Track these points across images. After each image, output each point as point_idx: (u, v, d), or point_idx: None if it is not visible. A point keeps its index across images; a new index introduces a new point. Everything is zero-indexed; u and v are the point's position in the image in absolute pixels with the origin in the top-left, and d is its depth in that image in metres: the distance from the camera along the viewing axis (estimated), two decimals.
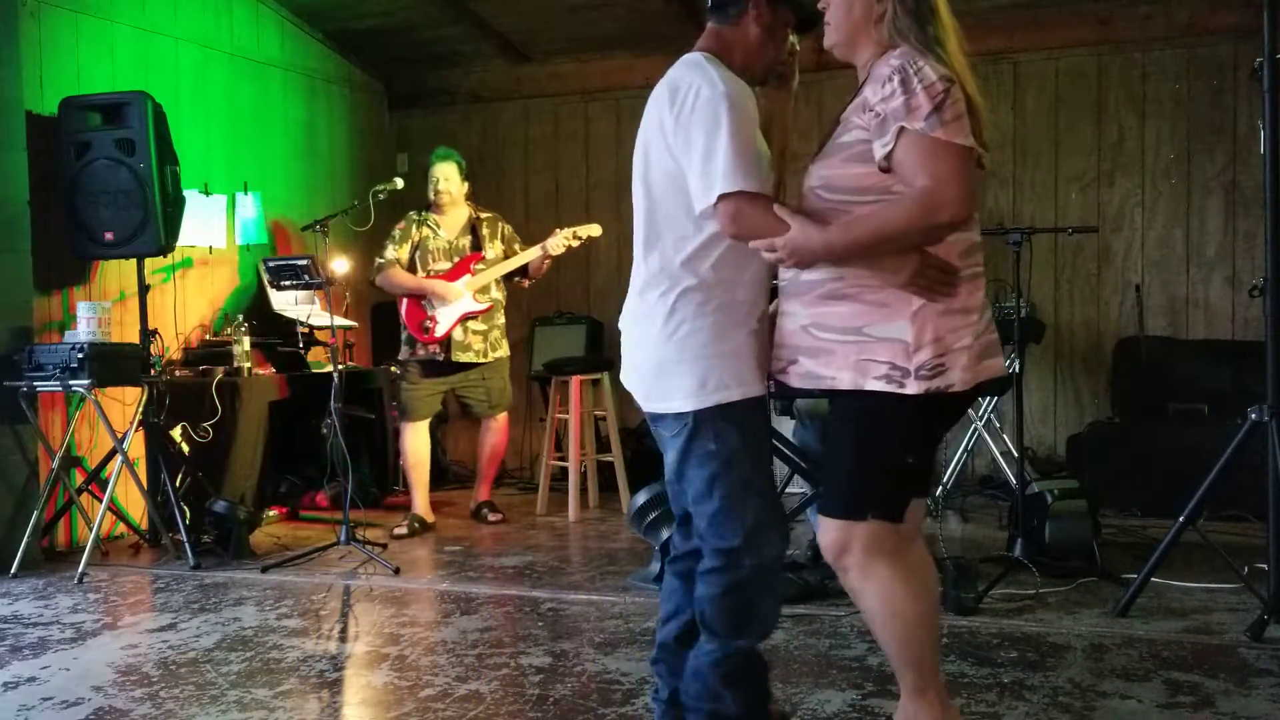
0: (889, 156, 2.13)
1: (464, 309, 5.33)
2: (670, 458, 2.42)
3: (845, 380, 2.21)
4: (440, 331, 5.33)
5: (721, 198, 2.21)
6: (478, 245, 5.43)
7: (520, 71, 7.14)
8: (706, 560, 2.39)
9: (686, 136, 2.26)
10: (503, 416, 5.57)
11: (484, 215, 5.53)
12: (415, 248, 5.39)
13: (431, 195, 5.41)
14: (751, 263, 2.32)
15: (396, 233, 5.41)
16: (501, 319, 5.52)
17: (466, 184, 5.51)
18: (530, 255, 5.40)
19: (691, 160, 2.26)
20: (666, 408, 2.36)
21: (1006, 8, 6.01)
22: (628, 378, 2.48)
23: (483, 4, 6.36)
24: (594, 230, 5.45)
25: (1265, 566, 3.49)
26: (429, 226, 5.41)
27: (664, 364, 2.34)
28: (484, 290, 5.38)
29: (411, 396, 5.42)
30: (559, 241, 5.38)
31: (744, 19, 2.42)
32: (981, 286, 2.27)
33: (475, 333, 5.37)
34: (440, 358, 5.37)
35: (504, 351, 5.53)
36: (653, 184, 2.37)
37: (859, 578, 2.26)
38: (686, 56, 2.41)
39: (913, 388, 2.15)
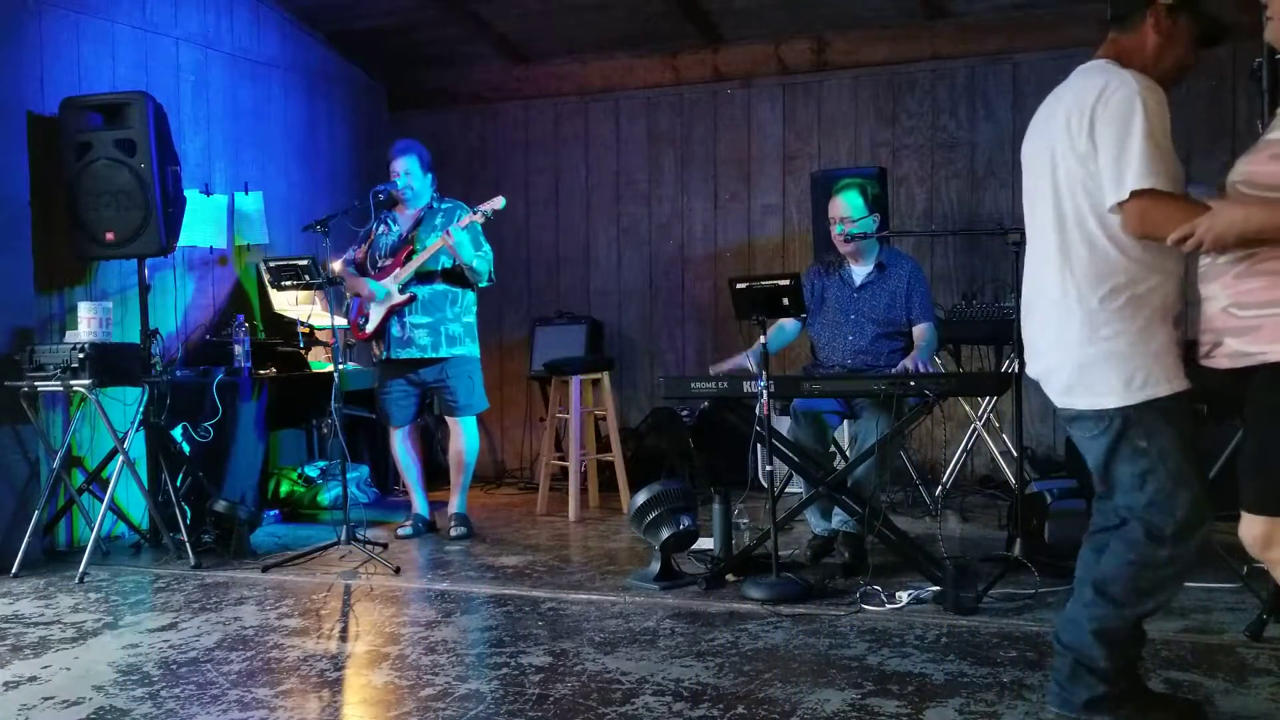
0: None
1: (390, 302, 5.12)
2: (1094, 457, 2.48)
3: (1278, 352, 2.19)
4: (369, 327, 5.18)
5: (1133, 195, 2.25)
6: (419, 237, 5.16)
7: (520, 71, 7.15)
8: (1132, 528, 2.43)
9: (1098, 136, 2.31)
10: (467, 421, 5.27)
11: (443, 206, 5.25)
12: (371, 247, 5.27)
13: (394, 190, 5.19)
14: (1168, 261, 2.36)
15: (362, 231, 5.34)
16: (467, 316, 5.24)
17: (430, 174, 5.29)
18: (437, 246, 5.04)
19: (1103, 159, 2.30)
20: (1090, 405, 2.40)
21: (1006, 8, 6.01)
22: (1046, 378, 2.53)
23: (482, 4, 6.36)
24: (496, 204, 5.08)
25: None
26: (386, 223, 5.28)
27: (1089, 364, 2.38)
28: (424, 280, 5.11)
29: (384, 401, 5.30)
30: (459, 226, 5.02)
31: (1143, 26, 2.45)
32: None
33: (417, 326, 5.11)
34: (384, 355, 5.21)
35: (466, 350, 5.21)
36: (1061, 191, 2.41)
37: None
38: (1089, 64, 2.45)
39: None
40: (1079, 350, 2.39)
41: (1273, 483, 2.24)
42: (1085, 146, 2.34)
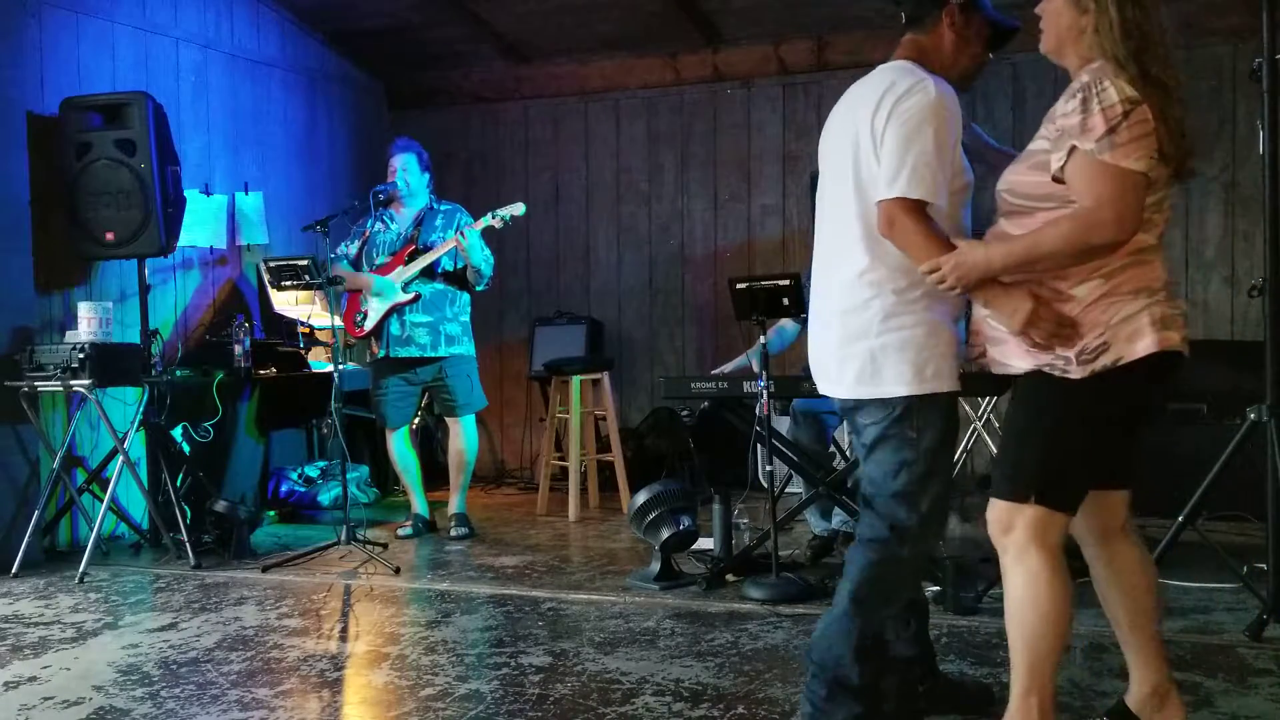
0: (1062, 169, 2.21)
1: (392, 300, 5.13)
2: (862, 442, 2.49)
3: (1023, 365, 2.32)
4: (368, 324, 5.17)
5: (897, 198, 2.29)
6: (421, 237, 5.19)
7: (520, 71, 7.15)
8: (873, 529, 2.46)
9: (889, 131, 2.33)
10: (466, 419, 5.29)
11: (443, 208, 5.31)
12: (364, 244, 5.27)
13: (393, 190, 5.19)
14: None
15: (356, 228, 5.33)
16: (464, 315, 5.26)
17: (428, 175, 5.30)
18: (449, 245, 5.09)
19: (885, 153, 2.33)
20: (876, 393, 2.41)
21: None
22: (834, 367, 2.49)
23: (482, 4, 6.36)
24: (516, 210, 5.15)
25: (1264, 566, 3.49)
26: (383, 221, 5.27)
27: (881, 352, 2.39)
28: (425, 280, 5.12)
29: (380, 402, 5.27)
30: (474, 227, 5.07)
31: (939, 27, 2.48)
32: (1152, 269, 2.27)
33: (417, 325, 5.12)
34: (380, 355, 5.20)
35: (463, 349, 5.23)
36: (864, 184, 2.40)
37: (1012, 560, 2.34)
38: (893, 64, 2.46)
39: (1077, 373, 2.23)
40: (875, 339, 2.39)
41: (1008, 472, 2.35)
42: (879, 137, 2.35)
